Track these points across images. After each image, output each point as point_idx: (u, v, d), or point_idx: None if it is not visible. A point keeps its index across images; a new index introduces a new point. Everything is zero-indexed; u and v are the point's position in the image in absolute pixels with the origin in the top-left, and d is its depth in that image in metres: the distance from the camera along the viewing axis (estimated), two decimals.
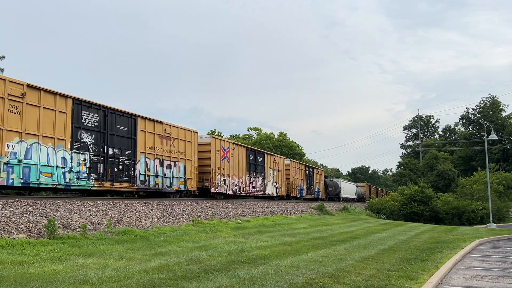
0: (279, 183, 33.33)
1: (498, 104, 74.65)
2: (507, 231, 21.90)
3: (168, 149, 19.61)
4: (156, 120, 19.09)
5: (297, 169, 37.70)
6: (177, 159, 20.29)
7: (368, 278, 7.95)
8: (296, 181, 37.23)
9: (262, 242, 12.95)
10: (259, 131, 70.16)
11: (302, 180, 38.65)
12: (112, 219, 12.96)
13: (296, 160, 42.37)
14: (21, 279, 6.41)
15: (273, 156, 32.95)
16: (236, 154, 26.24)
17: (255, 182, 28.83)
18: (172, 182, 19.76)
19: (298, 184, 37.72)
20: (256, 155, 29.50)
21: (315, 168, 44.25)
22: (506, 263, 11.16)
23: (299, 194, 37.53)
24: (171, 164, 19.79)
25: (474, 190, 44.81)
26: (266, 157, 31.04)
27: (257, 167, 29.24)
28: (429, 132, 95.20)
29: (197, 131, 22.29)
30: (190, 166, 21.39)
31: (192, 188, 21.46)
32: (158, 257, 9.15)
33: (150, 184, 18.24)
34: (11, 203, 11.51)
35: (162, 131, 19.34)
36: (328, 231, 17.94)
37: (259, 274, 7.87)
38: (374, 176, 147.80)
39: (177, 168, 20.23)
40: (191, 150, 21.52)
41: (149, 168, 18.26)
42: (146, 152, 18.17)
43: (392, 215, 41.11)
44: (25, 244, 9.08)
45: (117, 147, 16.62)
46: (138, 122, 17.88)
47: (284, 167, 34.49)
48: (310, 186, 40.91)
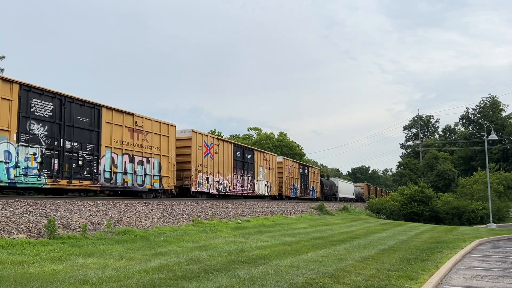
0: (271, 182, 31.67)
1: (498, 104, 74.67)
2: (507, 231, 21.90)
3: (139, 143, 17.84)
4: (125, 112, 17.32)
5: (291, 167, 36.16)
6: (151, 155, 18.53)
7: (368, 278, 7.95)
8: (290, 180, 35.61)
9: (262, 242, 12.95)
10: (259, 131, 70.18)
11: (296, 179, 37.00)
12: (112, 219, 12.96)
13: (290, 158, 40.90)
14: (21, 279, 6.41)
15: (263, 153, 31.19)
16: (221, 151, 24.51)
17: (243, 181, 27.11)
18: (144, 180, 18.02)
19: (292, 183, 36.09)
20: (244, 152, 27.76)
21: (310, 167, 42.60)
22: (506, 263, 11.16)
23: (292, 194, 35.87)
24: (143, 161, 18.02)
25: (474, 190, 44.81)
26: (255, 154, 29.39)
27: (245, 164, 27.50)
28: (429, 132, 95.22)
29: (175, 125, 20.48)
30: (167, 163, 19.60)
31: (169, 186, 19.69)
32: (158, 257, 9.15)
33: (117, 182, 16.53)
34: (11, 203, 11.51)
35: (132, 124, 17.57)
36: (328, 231, 17.94)
37: (259, 274, 7.87)
38: (374, 176, 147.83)
39: (150, 165, 18.46)
40: (167, 145, 19.72)
41: (116, 165, 16.53)
42: (113, 146, 16.45)
43: (392, 215, 41.11)
44: (25, 244, 9.08)
45: (76, 141, 14.90)
46: (103, 113, 16.10)
47: (276, 165, 32.91)
48: (304, 185, 39.29)
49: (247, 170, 27.76)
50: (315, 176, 43.36)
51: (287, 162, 35.72)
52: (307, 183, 40.19)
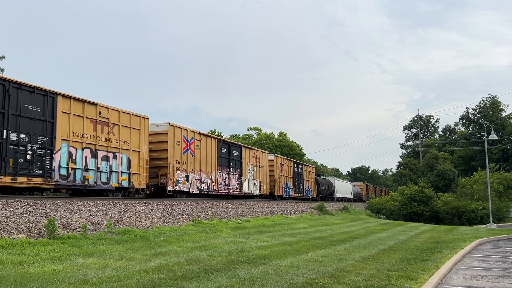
0: (261, 181, 29.90)
1: (498, 104, 74.71)
2: (507, 231, 21.90)
3: (104, 137, 16.17)
4: (86, 101, 15.59)
5: (283, 165, 34.40)
6: (118, 150, 16.80)
7: (368, 278, 7.96)
8: (282, 179, 33.86)
9: (262, 242, 12.95)
10: (259, 131, 70.21)
11: (289, 177, 35.32)
12: (112, 219, 12.97)
13: (283, 156, 39.36)
14: (21, 279, 6.41)
15: (252, 150, 29.35)
16: (203, 146, 22.70)
17: (229, 179, 25.29)
18: (109, 178, 16.34)
19: (284, 182, 34.34)
20: (231, 148, 25.94)
21: (305, 165, 40.75)
22: (506, 263, 11.16)
23: (285, 193, 34.16)
24: (108, 156, 16.31)
25: (474, 190, 44.81)
26: (243, 151, 27.58)
27: (231, 161, 25.69)
28: (429, 132, 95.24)
29: (148, 117, 18.73)
30: (137, 159, 17.82)
31: (140, 185, 17.97)
32: (158, 257, 9.15)
33: (76, 180, 14.93)
34: (11, 203, 11.52)
35: (95, 115, 15.89)
36: (328, 231, 17.94)
37: (259, 274, 7.88)
38: (374, 176, 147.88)
39: (117, 161, 16.71)
40: (138, 140, 17.97)
41: (74, 160, 14.88)
42: (71, 139, 14.79)
43: (392, 215, 41.11)
44: (25, 244, 9.08)
45: (24, 132, 13.25)
46: (59, 102, 14.41)
47: (267, 163, 31.23)
48: (298, 184, 37.65)
49: (233, 168, 25.97)
50: (310, 175, 41.78)
51: (279, 160, 34.12)
52: (302, 182, 38.64)
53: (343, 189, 53.22)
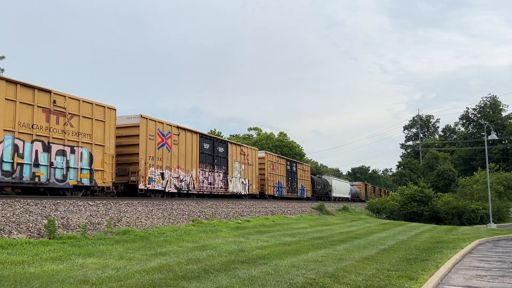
0: (250, 179, 28.21)
1: (498, 104, 74.71)
2: (507, 231, 21.90)
3: (60, 128, 14.40)
4: (37, 87, 13.91)
5: (275, 163, 32.72)
6: (77, 144, 15.06)
7: (368, 278, 7.96)
8: (273, 177, 32.05)
9: (262, 242, 12.95)
10: (259, 131, 70.19)
11: (281, 176, 33.66)
12: (112, 219, 12.97)
13: (275, 153, 37.56)
14: (21, 279, 6.41)
15: (240, 146, 27.64)
16: (182, 142, 20.84)
17: (213, 177, 23.49)
18: (66, 175, 14.57)
19: (276, 180, 32.60)
20: (215, 144, 24.08)
21: (299, 163, 39.09)
22: (506, 263, 11.16)
23: (277, 193, 32.48)
24: (64, 150, 14.53)
25: (474, 190, 44.81)
26: (230, 147, 25.81)
27: (216, 158, 23.95)
28: (429, 132, 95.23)
29: (115, 108, 16.96)
30: (101, 154, 16.13)
31: (105, 183, 16.23)
32: (158, 257, 9.15)
33: (23, 177, 13.21)
34: (11, 203, 11.52)
35: (49, 103, 14.17)
36: (328, 231, 17.94)
37: (259, 274, 7.88)
38: (374, 176, 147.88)
39: (76, 156, 14.96)
40: (103, 133, 16.28)
41: (22, 154, 13.19)
42: (17, 130, 13.10)
43: (392, 215, 41.11)
44: (25, 244, 9.08)
45: None
46: (1, 87, 12.78)
47: (257, 161, 29.49)
48: (292, 183, 36.07)
49: (218, 165, 24.19)
50: (305, 173, 40.17)
51: (271, 157, 32.31)
52: (295, 181, 37.01)
53: (340, 189, 51.99)
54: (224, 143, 25.53)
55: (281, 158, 34.92)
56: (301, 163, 40.56)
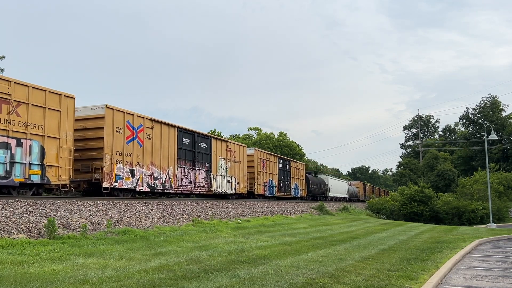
0: (237, 178, 26.34)
1: (498, 104, 74.74)
2: (507, 231, 21.90)
3: (3, 118, 12.72)
4: None
5: (266, 161, 30.91)
6: (25, 135, 13.31)
7: (368, 278, 7.96)
8: (264, 176, 30.27)
9: (262, 242, 12.95)
10: (259, 131, 70.18)
11: (273, 174, 31.96)
12: (112, 219, 12.97)
13: (266, 150, 35.76)
14: (21, 279, 6.41)
15: (226, 142, 25.69)
16: (157, 136, 18.98)
17: (193, 175, 21.61)
18: (10, 171, 12.79)
19: (267, 179, 30.82)
20: (197, 140, 22.27)
21: (292, 161, 37.47)
22: (506, 263, 11.16)
23: (268, 192, 30.72)
24: (8, 143, 12.77)
25: (474, 190, 44.80)
26: (213, 143, 23.92)
27: (197, 155, 22.10)
28: (429, 132, 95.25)
29: (73, 96, 15.14)
30: (56, 148, 14.33)
31: (61, 180, 14.51)
32: (158, 257, 9.15)
33: None
34: (11, 203, 11.52)
35: None
36: (328, 231, 17.94)
37: (259, 274, 7.88)
38: (374, 176, 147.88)
39: (23, 149, 13.19)
40: (58, 124, 14.45)
41: None
42: None
43: (392, 215, 41.11)
44: (25, 244, 9.08)
45: None
46: None
47: (245, 158, 27.65)
48: (284, 182, 34.44)
49: (200, 162, 22.32)
50: (299, 172, 38.45)
51: (261, 154, 30.40)
52: (288, 180, 35.35)
53: (337, 188, 50.40)
54: (207, 139, 23.44)
55: (272, 155, 33.15)
56: (295, 161, 38.88)
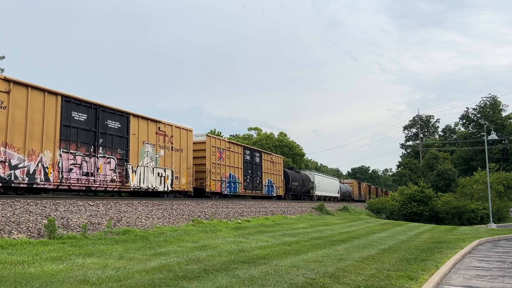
0: (175, 171, 20.62)
1: (498, 104, 74.80)
2: (507, 231, 21.89)
3: None
4: None
5: (226, 150, 25.43)
6: None
7: (368, 278, 7.95)
8: (222, 169, 24.73)
9: (262, 242, 12.96)
10: (259, 131, 70.11)
11: (235, 168, 26.50)
12: (112, 219, 12.97)
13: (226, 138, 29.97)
14: (21, 279, 6.41)
15: (157, 123, 19.60)
16: (19, 105, 13.41)
17: (93, 165, 15.91)
18: None
19: (226, 173, 25.23)
20: (100, 116, 16.46)
21: (265, 153, 32.01)
22: (506, 263, 11.16)
23: (227, 190, 25.26)
24: None
25: (474, 190, 44.79)
26: (133, 122, 17.98)
27: (101, 137, 16.38)
28: (429, 132, 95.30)
29: None
30: None
31: None
32: (158, 257, 9.15)
33: None
34: (11, 203, 11.52)
35: None
36: (328, 231, 17.94)
37: (259, 274, 7.87)
38: (374, 176, 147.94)
39: None
40: None
41: None
42: None
43: (392, 215, 41.10)
44: (25, 244, 9.08)
45: None
46: None
47: (189, 145, 22.06)
48: (253, 177, 28.88)
49: (107, 147, 16.59)
50: (275, 166, 33.20)
51: (217, 142, 24.80)
52: (258, 175, 29.82)
53: (326, 187, 45.56)
54: (121, 116, 17.47)
55: (235, 145, 27.44)
56: (269, 153, 33.43)
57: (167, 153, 20.30)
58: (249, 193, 28.44)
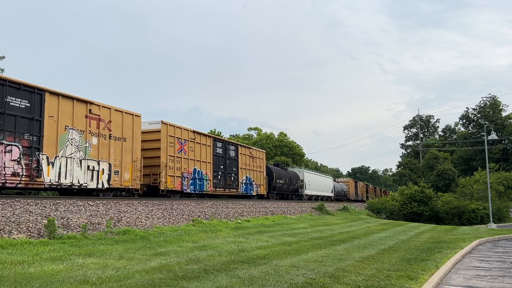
0: (115, 164, 16.98)
1: (498, 104, 74.77)
2: (507, 231, 21.89)
3: None
4: None
5: (189, 141, 21.59)
6: None
7: (368, 278, 7.95)
8: (183, 164, 20.92)
9: (262, 242, 12.96)
10: (259, 131, 70.14)
11: (203, 162, 22.70)
12: (112, 219, 12.97)
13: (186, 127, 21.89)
14: (21, 279, 6.41)
15: (87, 104, 15.95)
16: None
17: None
18: None
19: (190, 169, 21.39)
20: None
21: (242, 146, 27.77)
22: (506, 263, 11.16)
23: (191, 188, 21.41)
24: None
25: (474, 190, 44.79)
26: (49, 100, 14.27)
27: None
28: (429, 132, 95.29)
29: None
30: None
31: None
32: (158, 257, 9.15)
33: None
34: (11, 203, 11.51)
35: None
36: (328, 231, 17.94)
37: (259, 274, 7.87)
38: (374, 176, 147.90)
39: None
40: None
41: None
42: None
43: (392, 215, 41.09)
44: (25, 244, 9.08)
45: None
46: None
47: (136, 134, 18.30)
48: (227, 174, 25.10)
49: (9, 132, 12.94)
50: (255, 161, 29.13)
51: (176, 132, 20.75)
52: (234, 171, 26.04)
53: (317, 185, 42.39)
54: (32, 93, 13.75)
55: (202, 135, 23.18)
56: (248, 147, 29.18)
57: (102, 142, 16.50)
58: (220, 191, 24.59)
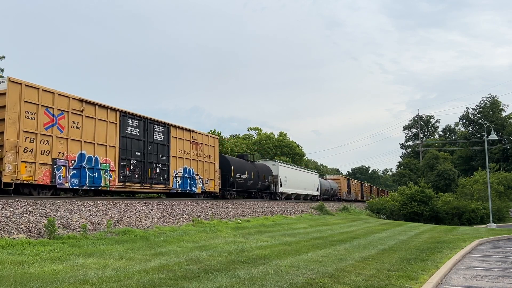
0: None
1: (498, 104, 74.75)
2: (507, 231, 21.89)
3: None
4: None
5: (71, 114, 14.99)
6: None
7: (368, 278, 7.95)
8: (58, 146, 14.42)
9: (262, 242, 12.95)
10: (259, 131, 70.09)
11: (102, 146, 16.31)
12: (112, 219, 12.97)
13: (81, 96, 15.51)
14: (21, 279, 6.41)
15: None
16: None
17: None
18: None
19: (74, 153, 15.00)
20: None
21: (178, 128, 21.07)
22: (506, 263, 11.16)
23: (75, 180, 15.05)
24: None
25: (474, 190, 44.80)
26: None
27: None
28: (429, 132, 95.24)
29: None
30: None
31: None
32: (158, 257, 9.15)
33: None
34: (11, 203, 11.51)
35: None
36: (328, 231, 17.94)
37: (259, 274, 7.87)
38: (374, 176, 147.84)
39: None
40: None
41: None
42: None
43: (392, 215, 41.09)
44: (25, 244, 9.08)
45: None
46: None
47: None
48: (147, 164, 18.64)
49: None
50: (203, 149, 22.99)
51: (44, 97, 13.97)
52: (162, 161, 19.72)
53: (298, 182, 36.95)
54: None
55: (98, 106, 16.29)
56: (187, 129, 21.88)
57: None
58: (133, 187, 17.98)
